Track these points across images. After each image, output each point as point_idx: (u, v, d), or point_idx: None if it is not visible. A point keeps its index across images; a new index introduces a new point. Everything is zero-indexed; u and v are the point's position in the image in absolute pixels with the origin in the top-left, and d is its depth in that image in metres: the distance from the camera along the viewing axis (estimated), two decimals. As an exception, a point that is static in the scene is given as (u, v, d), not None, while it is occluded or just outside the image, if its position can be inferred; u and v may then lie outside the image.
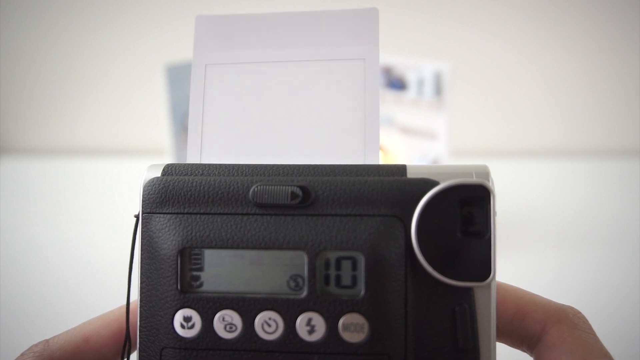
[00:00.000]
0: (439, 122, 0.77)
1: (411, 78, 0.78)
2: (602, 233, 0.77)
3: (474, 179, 0.22)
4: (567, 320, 0.22)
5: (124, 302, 0.24)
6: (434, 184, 0.22)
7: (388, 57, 0.79)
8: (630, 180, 0.90)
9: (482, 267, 0.21)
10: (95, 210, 0.86)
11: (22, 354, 0.24)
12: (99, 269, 0.72)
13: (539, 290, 0.24)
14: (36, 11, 1.06)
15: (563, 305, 0.23)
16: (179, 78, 0.81)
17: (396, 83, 0.79)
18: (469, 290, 0.21)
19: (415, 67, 0.77)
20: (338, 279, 0.21)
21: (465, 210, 0.22)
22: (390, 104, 0.81)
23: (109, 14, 1.05)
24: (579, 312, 0.23)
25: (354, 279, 0.21)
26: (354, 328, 0.21)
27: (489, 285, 0.21)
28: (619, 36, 0.98)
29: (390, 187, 0.22)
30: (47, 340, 0.24)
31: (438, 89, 0.76)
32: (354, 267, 0.21)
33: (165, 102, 0.81)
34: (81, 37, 1.06)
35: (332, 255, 0.21)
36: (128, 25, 1.05)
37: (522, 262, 0.70)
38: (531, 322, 0.22)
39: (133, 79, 1.07)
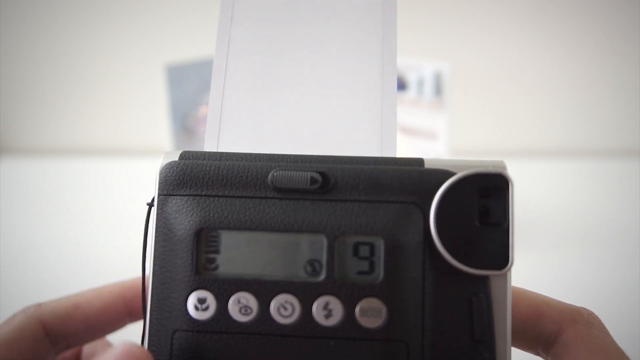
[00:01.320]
0: (439, 122, 0.77)
1: (411, 78, 0.78)
2: (603, 233, 0.77)
3: (493, 169, 0.22)
4: (584, 320, 0.22)
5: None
6: (451, 174, 0.22)
7: (388, 57, 0.78)
8: (630, 180, 0.90)
9: (500, 256, 0.21)
10: (95, 210, 0.86)
11: (14, 314, 0.24)
12: (99, 269, 0.72)
13: (539, 290, 0.24)
14: (36, 11, 1.06)
15: (577, 306, 0.23)
16: (179, 78, 0.81)
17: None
18: (485, 279, 0.21)
19: (415, 67, 0.77)
20: (356, 263, 0.21)
21: (484, 200, 0.22)
22: (390, 104, 0.80)
23: (109, 14, 1.05)
24: (593, 313, 0.23)
25: (372, 264, 0.21)
26: (371, 313, 0.21)
27: (506, 275, 0.21)
28: (619, 36, 0.98)
29: (409, 175, 0.22)
30: (39, 304, 0.24)
31: (438, 89, 0.76)
32: (372, 252, 0.21)
33: (165, 102, 0.81)
34: (81, 37, 1.06)
35: (351, 240, 0.21)
36: (128, 25, 1.05)
37: (522, 262, 0.70)
38: (547, 323, 0.22)
39: (133, 79, 1.07)
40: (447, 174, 0.22)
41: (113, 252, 0.73)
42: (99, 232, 0.79)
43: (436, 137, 0.78)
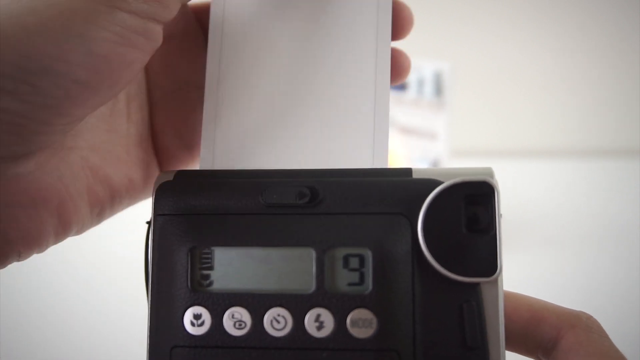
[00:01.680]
0: (439, 122, 0.77)
1: (411, 78, 0.78)
2: (602, 233, 0.77)
3: (478, 176, 0.22)
4: (582, 325, 0.22)
5: (128, 302, 0.24)
6: (439, 183, 0.22)
7: (388, 57, 0.78)
8: (630, 180, 0.90)
9: (489, 263, 0.22)
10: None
11: None
12: (99, 269, 0.72)
13: (539, 291, 0.24)
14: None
15: (576, 310, 0.23)
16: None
17: (396, 83, 0.79)
18: (476, 286, 0.22)
19: (415, 67, 0.77)
20: (347, 275, 0.22)
21: (470, 207, 0.22)
22: (390, 104, 0.81)
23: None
24: (592, 317, 0.23)
25: (362, 275, 0.22)
26: (362, 323, 0.21)
27: (496, 281, 0.22)
28: (619, 36, 0.98)
29: (397, 186, 0.22)
30: None
31: (438, 89, 0.76)
32: (362, 263, 0.22)
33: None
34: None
35: (340, 252, 0.22)
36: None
37: (522, 262, 0.70)
38: (546, 328, 0.22)
39: (133, 79, 1.07)
40: (434, 184, 0.22)
41: (112, 252, 0.73)
42: (98, 232, 0.79)
43: (436, 137, 0.78)
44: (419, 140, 0.80)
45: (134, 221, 0.33)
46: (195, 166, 0.30)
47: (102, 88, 0.21)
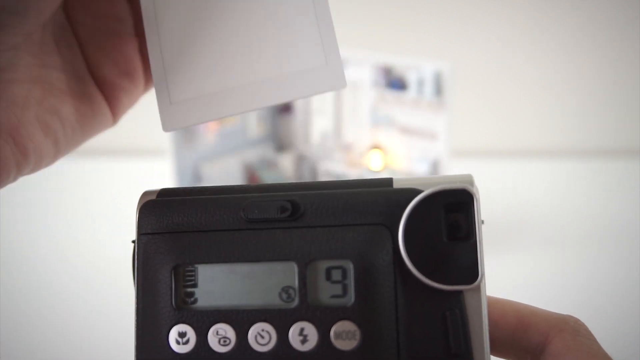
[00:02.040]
0: (439, 122, 0.77)
1: (411, 78, 0.78)
2: (602, 233, 0.77)
3: (456, 184, 0.22)
4: (570, 329, 0.22)
5: (128, 302, 0.24)
6: (419, 192, 0.22)
7: (388, 57, 0.79)
8: (630, 180, 0.90)
9: (470, 270, 0.22)
10: (95, 210, 0.86)
11: None
12: (99, 269, 0.72)
13: (538, 291, 0.24)
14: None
15: (563, 314, 0.23)
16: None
17: (396, 83, 0.79)
18: (458, 294, 0.22)
19: (415, 67, 0.77)
20: (328, 287, 0.22)
21: (451, 215, 0.22)
22: (390, 104, 0.81)
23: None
24: (579, 320, 0.23)
25: (345, 287, 0.22)
26: (345, 335, 0.21)
27: (478, 288, 0.22)
28: (619, 36, 0.98)
29: (377, 197, 0.22)
30: None
31: (438, 89, 0.76)
32: (344, 275, 0.22)
33: (166, 102, 0.81)
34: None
35: (322, 265, 0.22)
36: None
37: (523, 262, 0.70)
38: (534, 333, 0.22)
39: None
40: (414, 193, 0.22)
41: (112, 252, 0.73)
42: (99, 232, 0.80)
43: (436, 137, 0.78)
44: (419, 140, 0.80)
45: (133, 221, 0.33)
46: (140, 93, 0.31)
47: (31, 16, 0.24)
